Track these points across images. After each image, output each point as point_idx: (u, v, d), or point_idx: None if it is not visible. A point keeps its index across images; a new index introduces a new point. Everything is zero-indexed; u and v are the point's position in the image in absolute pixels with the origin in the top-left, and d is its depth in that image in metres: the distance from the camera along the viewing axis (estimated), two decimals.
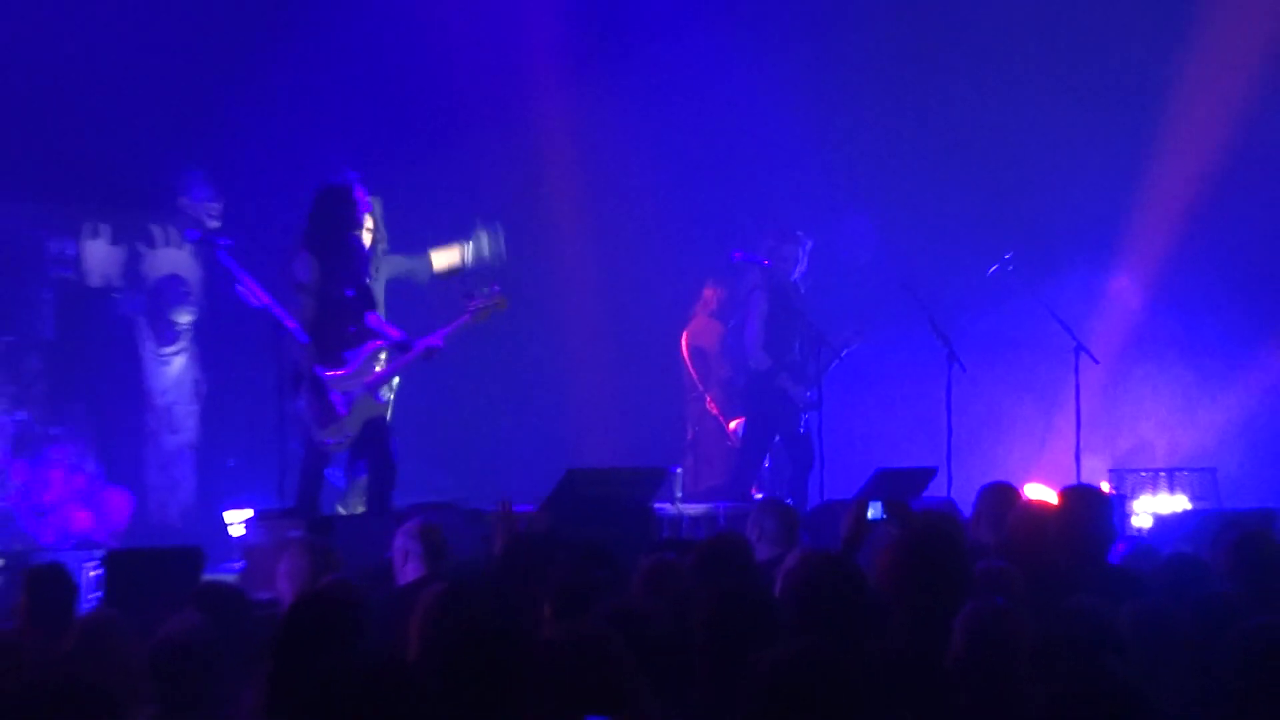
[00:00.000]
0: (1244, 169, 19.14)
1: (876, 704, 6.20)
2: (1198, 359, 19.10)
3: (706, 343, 18.28)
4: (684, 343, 18.00)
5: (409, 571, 10.16)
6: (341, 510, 15.42)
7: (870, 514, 10.27)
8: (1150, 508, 15.64)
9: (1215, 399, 18.92)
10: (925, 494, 14.00)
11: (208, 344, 17.51)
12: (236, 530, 15.38)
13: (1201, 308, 19.03)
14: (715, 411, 17.97)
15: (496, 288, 15.25)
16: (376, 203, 16.11)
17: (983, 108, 19.48)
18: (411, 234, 17.25)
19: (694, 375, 18.04)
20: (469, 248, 16.62)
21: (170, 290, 17.18)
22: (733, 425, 17.72)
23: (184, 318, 17.24)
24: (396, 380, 15.36)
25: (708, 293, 18.17)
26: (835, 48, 19.58)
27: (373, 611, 7.77)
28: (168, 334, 17.24)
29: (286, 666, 6.58)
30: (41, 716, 5.79)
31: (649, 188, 19.48)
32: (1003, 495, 10.84)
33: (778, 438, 16.53)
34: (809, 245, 16.97)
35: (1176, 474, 16.20)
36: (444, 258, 16.44)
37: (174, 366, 17.30)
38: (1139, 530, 14.96)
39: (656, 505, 14.44)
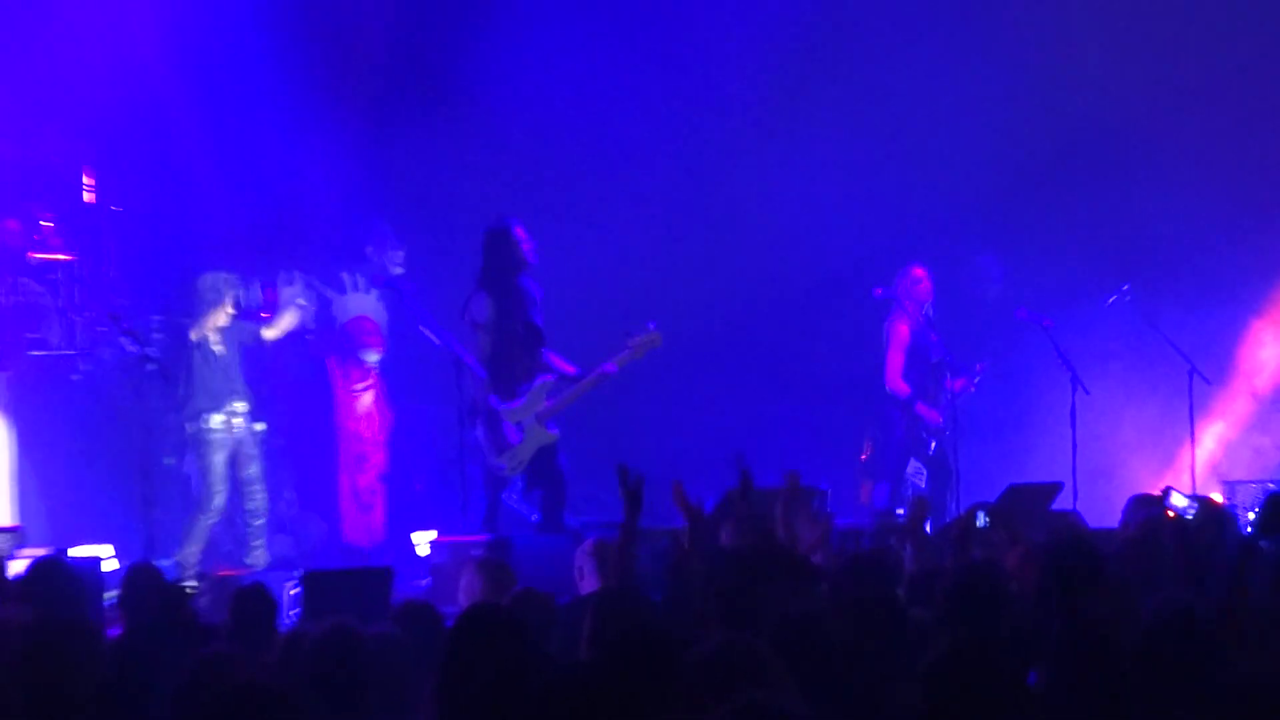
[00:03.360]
0: None
1: None
2: None
3: None
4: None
5: (585, 586, 10.25)
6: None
7: (978, 523, 10.84)
8: None
9: None
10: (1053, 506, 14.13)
11: (393, 380, 17.41)
12: (423, 550, 15.79)
13: None
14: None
15: (653, 325, 15.67)
16: None
17: (1104, 144, 18.87)
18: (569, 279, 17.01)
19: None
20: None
21: (359, 332, 17.17)
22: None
23: (371, 357, 17.16)
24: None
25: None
26: (948, 87, 19.11)
27: (558, 620, 8.24)
28: (356, 372, 17.20)
29: (451, 674, 6.64)
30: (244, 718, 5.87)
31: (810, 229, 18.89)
32: (1147, 502, 11.50)
33: (913, 460, 16.62)
34: (933, 279, 17.07)
35: None
36: None
37: (363, 401, 17.23)
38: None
39: None
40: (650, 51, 19.76)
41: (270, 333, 15.74)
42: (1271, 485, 15.89)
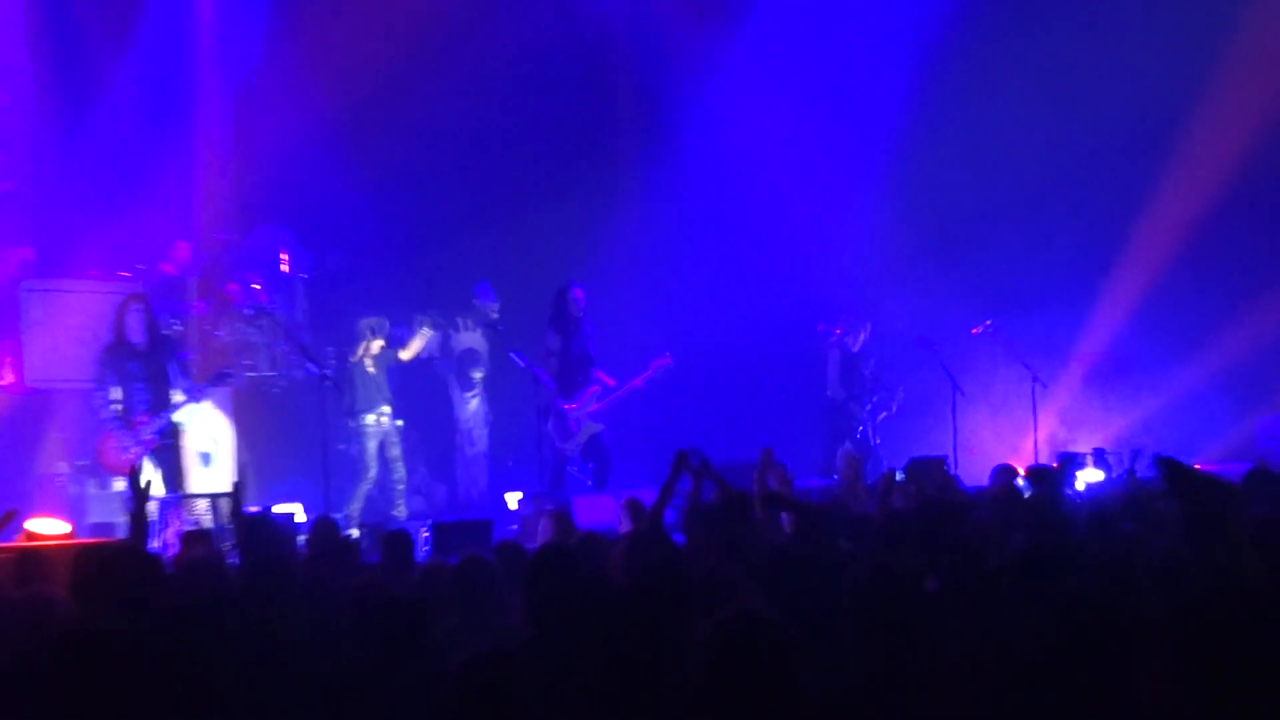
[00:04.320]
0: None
1: None
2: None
3: None
4: None
5: (623, 529, 10.11)
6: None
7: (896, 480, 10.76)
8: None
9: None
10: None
11: (493, 390, 17.33)
12: (512, 506, 15.79)
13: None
14: None
15: (668, 353, 15.80)
16: None
17: (974, 220, 18.48)
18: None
19: None
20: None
21: (469, 358, 17.19)
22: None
23: (477, 374, 17.13)
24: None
25: None
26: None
27: (605, 554, 8.12)
28: (467, 384, 17.15)
29: (534, 592, 6.48)
30: (393, 620, 5.96)
31: None
32: (1006, 470, 11.48)
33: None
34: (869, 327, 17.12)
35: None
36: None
37: (472, 405, 17.22)
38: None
39: None
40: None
41: (405, 354, 15.78)
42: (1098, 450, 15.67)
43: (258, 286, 17.13)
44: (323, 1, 18.31)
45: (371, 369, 15.26)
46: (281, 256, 17.82)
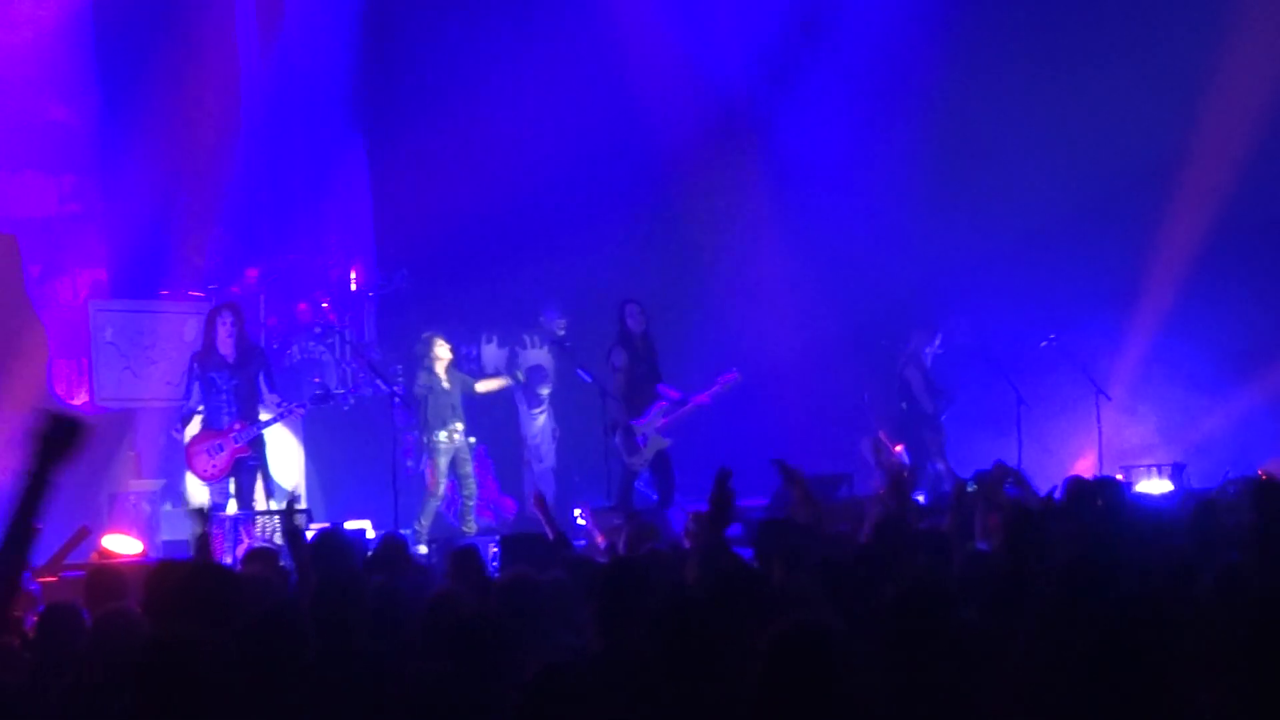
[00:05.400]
0: None
1: None
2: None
3: None
4: None
5: (688, 543, 9.84)
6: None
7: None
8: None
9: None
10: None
11: (560, 406, 17.54)
12: (581, 520, 15.62)
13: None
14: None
15: (735, 370, 15.74)
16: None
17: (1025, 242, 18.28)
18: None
19: None
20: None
21: (536, 374, 17.29)
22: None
23: (544, 390, 17.30)
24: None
25: None
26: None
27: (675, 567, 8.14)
28: (535, 401, 17.29)
29: (604, 604, 6.42)
30: (467, 637, 6.01)
31: None
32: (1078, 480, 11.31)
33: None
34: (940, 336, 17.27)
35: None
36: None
37: (539, 421, 17.39)
38: None
39: None
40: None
41: (480, 387, 15.85)
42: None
43: (326, 305, 17.32)
44: (404, 21, 18.57)
45: (445, 385, 15.37)
46: (351, 275, 17.98)
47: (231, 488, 13.04)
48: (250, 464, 13.22)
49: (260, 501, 13.67)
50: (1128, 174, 17.95)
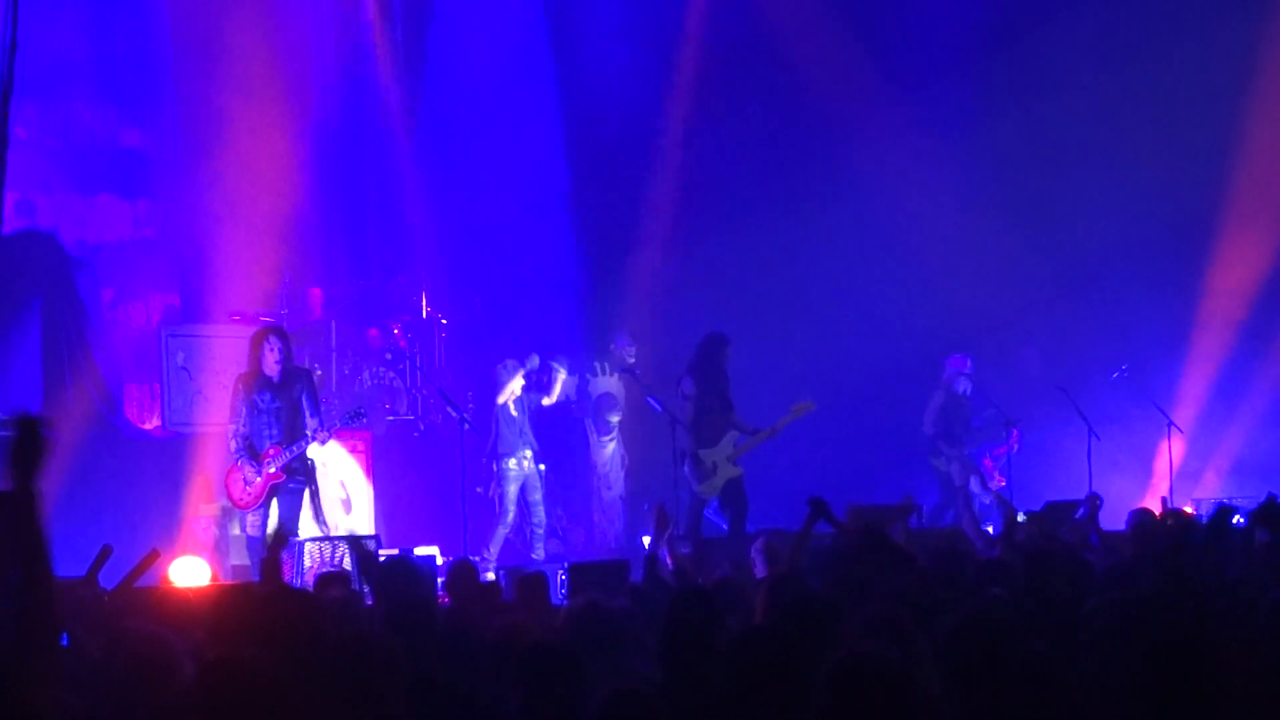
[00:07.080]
0: None
1: None
2: None
3: None
4: None
5: (758, 572, 10.04)
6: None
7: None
8: None
9: None
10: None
11: (630, 434, 17.45)
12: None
13: None
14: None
15: (808, 398, 15.64)
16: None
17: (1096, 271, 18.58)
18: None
19: None
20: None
21: (606, 402, 17.26)
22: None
23: (614, 418, 17.23)
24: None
25: None
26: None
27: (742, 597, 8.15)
28: (604, 429, 17.24)
29: (671, 633, 6.29)
30: (537, 665, 5.91)
31: None
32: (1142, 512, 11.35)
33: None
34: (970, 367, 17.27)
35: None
36: None
37: (608, 449, 17.32)
38: None
39: None
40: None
41: (548, 400, 15.97)
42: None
43: (397, 331, 17.41)
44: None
45: (515, 413, 15.44)
46: (422, 301, 18.09)
47: (273, 513, 12.94)
48: (291, 488, 13.04)
49: (308, 527, 13.43)
50: (1198, 203, 18.01)
